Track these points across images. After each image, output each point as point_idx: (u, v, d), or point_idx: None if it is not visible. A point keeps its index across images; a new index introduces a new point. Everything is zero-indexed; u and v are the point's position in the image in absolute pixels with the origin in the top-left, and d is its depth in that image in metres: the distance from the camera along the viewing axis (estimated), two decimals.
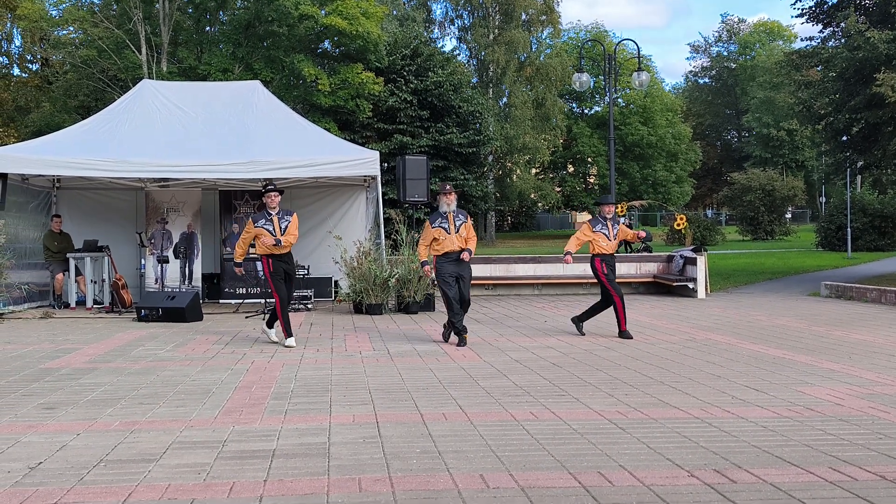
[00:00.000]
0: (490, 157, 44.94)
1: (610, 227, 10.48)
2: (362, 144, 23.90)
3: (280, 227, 9.66)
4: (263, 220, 9.70)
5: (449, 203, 9.87)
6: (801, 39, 20.25)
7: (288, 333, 9.63)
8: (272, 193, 9.77)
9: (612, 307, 10.34)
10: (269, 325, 10.02)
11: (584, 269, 17.13)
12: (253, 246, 10.04)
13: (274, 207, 9.77)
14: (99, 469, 4.62)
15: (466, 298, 9.76)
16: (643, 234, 11.28)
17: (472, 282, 16.83)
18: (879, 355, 8.53)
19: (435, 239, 9.79)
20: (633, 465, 4.61)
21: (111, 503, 4.03)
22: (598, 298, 10.86)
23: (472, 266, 17.02)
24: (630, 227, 35.26)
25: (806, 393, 6.59)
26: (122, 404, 6.37)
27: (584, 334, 10.35)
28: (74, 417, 5.92)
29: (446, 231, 9.74)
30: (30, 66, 38.49)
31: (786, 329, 10.86)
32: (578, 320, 10.60)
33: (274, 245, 9.58)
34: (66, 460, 4.79)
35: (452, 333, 9.77)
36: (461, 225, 9.81)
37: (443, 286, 9.72)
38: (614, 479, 4.34)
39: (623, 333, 10.11)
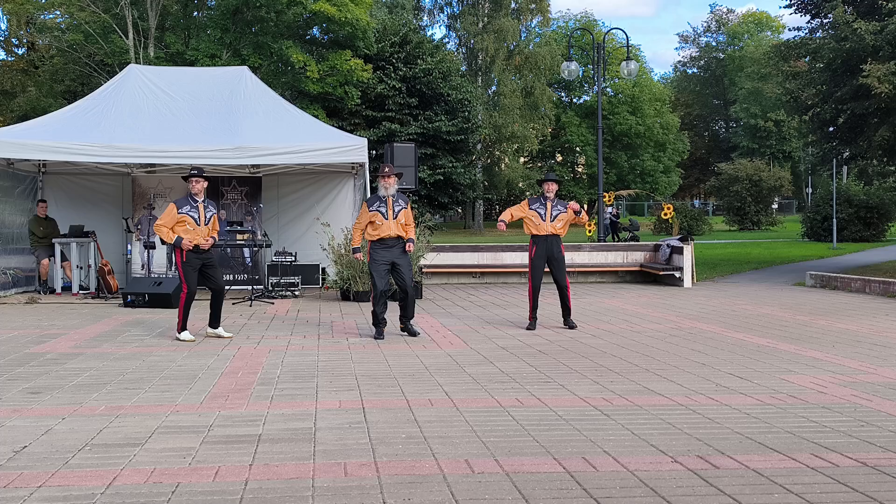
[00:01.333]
0: (479, 146, 44.94)
1: (549, 207, 9.88)
2: (350, 132, 23.84)
3: (205, 217, 9.16)
4: (188, 207, 9.11)
5: (387, 186, 9.27)
6: (789, 30, 20.34)
7: (183, 327, 9.06)
8: (195, 179, 9.16)
9: (559, 294, 9.96)
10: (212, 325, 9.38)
11: (572, 257, 17.22)
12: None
13: (198, 194, 9.19)
14: (84, 453, 4.61)
15: (406, 287, 9.23)
16: (582, 213, 10.08)
17: (461, 270, 16.97)
18: (863, 344, 8.59)
19: (371, 223, 9.21)
20: (618, 451, 4.64)
21: (96, 487, 4.03)
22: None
23: (461, 254, 17.17)
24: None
25: (789, 381, 6.64)
26: (108, 389, 6.36)
27: (575, 327, 10.03)
28: (59, 402, 5.91)
29: (383, 216, 9.16)
30: (16, 50, 38.18)
31: (771, 318, 10.93)
32: (565, 319, 10.10)
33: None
34: (51, 444, 4.79)
35: (372, 323, 9.32)
36: (400, 211, 9.24)
37: (374, 274, 9.19)
38: (599, 465, 4.37)
39: (530, 325, 9.92)
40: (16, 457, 4.53)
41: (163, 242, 9.26)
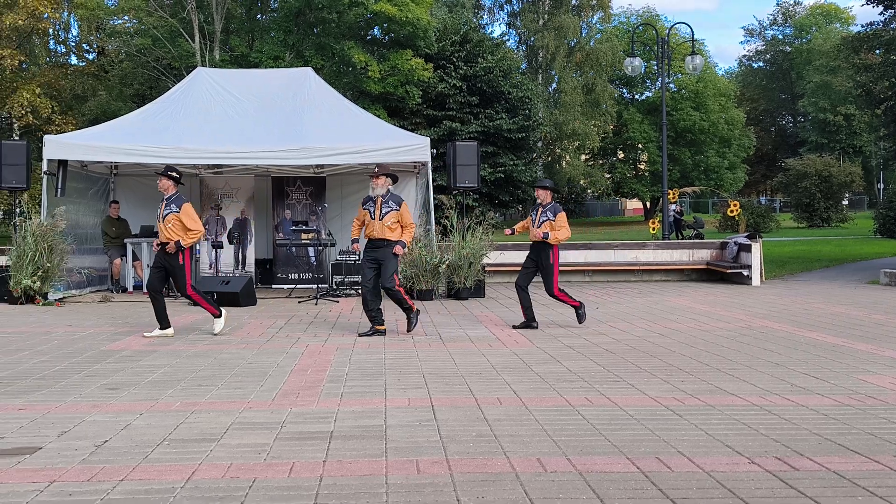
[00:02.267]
0: (539, 143, 44.76)
1: (539, 213, 9.80)
2: (412, 131, 23.92)
3: (162, 215, 9.18)
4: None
5: (374, 187, 9.37)
6: (861, 26, 19.78)
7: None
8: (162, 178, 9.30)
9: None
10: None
11: (636, 255, 17.05)
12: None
13: (164, 192, 9.28)
14: (163, 448, 4.72)
15: (381, 285, 9.29)
16: (539, 234, 9.73)
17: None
18: None
19: (363, 221, 9.42)
20: (692, 451, 4.57)
21: (176, 481, 4.11)
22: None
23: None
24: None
25: (868, 381, 6.46)
26: (182, 385, 6.49)
27: (536, 326, 9.82)
28: (136, 398, 6.05)
29: (371, 215, 9.28)
30: (87, 55, 39.20)
31: (845, 317, 10.66)
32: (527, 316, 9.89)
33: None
34: (131, 439, 4.90)
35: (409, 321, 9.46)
36: (388, 213, 9.21)
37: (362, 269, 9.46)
38: (673, 465, 4.31)
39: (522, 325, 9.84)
40: (98, 451, 4.65)
41: (179, 247, 9.20)
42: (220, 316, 9.36)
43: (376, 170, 9.60)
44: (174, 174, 9.41)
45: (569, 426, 5.15)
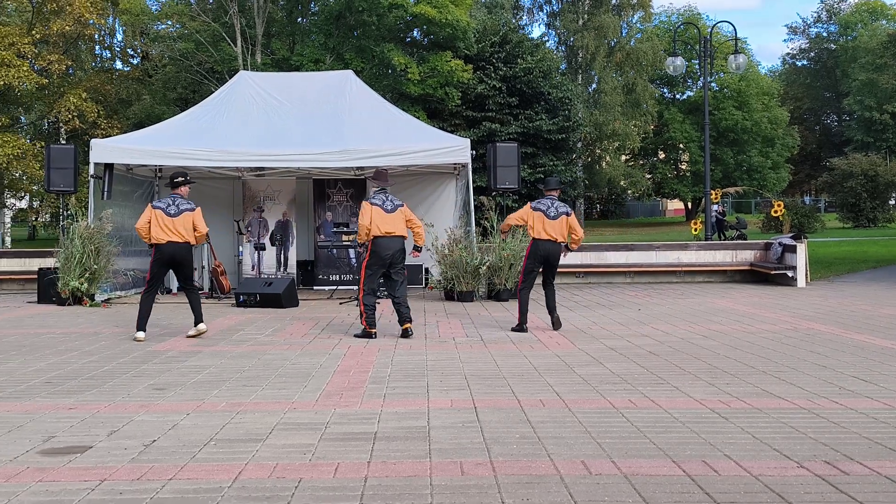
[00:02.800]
0: (579, 144, 44.49)
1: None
2: (451, 132, 23.91)
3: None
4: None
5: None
6: None
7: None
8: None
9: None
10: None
11: (678, 256, 16.89)
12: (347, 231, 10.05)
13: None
14: (210, 447, 4.77)
15: None
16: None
17: (563, 269, 16.78)
18: None
19: None
20: (739, 455, 4.52)
21: (223, 480, 4.16)
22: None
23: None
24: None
25: None
26: (227, 386, 6.57)
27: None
28: (183, 398, 6.13)
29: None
30: (131, 59, 39.83)
31: (893, 319, 10.46)
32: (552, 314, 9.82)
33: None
34: (178, 438, 4.97)
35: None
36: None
37: None
38: (720, 469, 4.27)
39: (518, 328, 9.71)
40: (146, 450, 4.73)
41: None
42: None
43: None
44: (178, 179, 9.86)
45: (613, 428, 5.12)
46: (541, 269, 9.83)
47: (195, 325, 9.40)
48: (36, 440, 4.94)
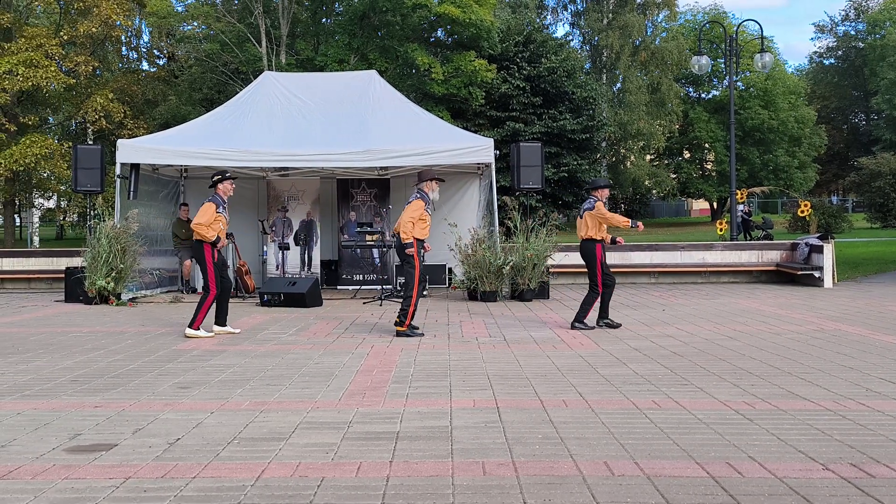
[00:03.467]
0: (604, 144, 44.33)
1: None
2: (475, 132, 23.91)
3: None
4: (222, 208, 9.77)
5: (434, 190, 9.85)
6: None
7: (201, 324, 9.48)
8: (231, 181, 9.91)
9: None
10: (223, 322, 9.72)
11: (703, 257, 16.78)
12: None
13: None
14: (233, 446, 4.80)
15: None
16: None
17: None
18: None
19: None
20: (764, 456, 4.48)
21: (246, 479, 4.18)
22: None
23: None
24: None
25: None
26: (251, 385, 6.60)
27: (620, 325, 9.88)
28: (207, 396, 6.17)
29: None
30: (157, 60, 40.18)
31: None
32: (602, 319, 9.90)
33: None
34: (202, 437, 5.00)
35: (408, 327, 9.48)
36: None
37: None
38: (744, 471, 4.23)
39: (582, 324, 9.74)
40: (171, 448, 4.76)
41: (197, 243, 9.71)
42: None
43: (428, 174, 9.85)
44: (216, 177, 9.87)
45: (636, 429, 5.10)
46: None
47: (215, 325, 9.65)
48: (62, 438, 5.00)
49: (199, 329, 9.43)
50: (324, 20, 35.30)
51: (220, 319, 9.74)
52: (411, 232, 9.37)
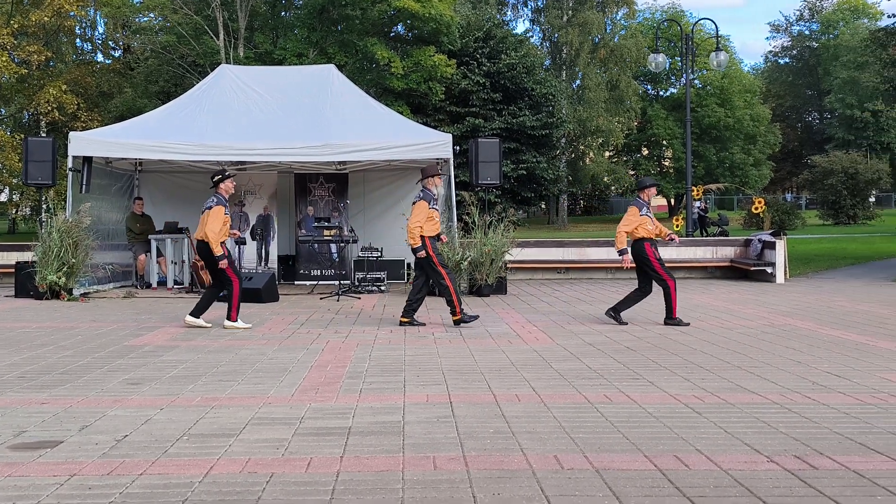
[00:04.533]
0: (563, 140, 44.57)
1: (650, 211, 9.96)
2: (435, 127, 23.90)
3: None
4: (227, 209, 9.85)
5: (437, 186, 10.14)
6: (888, 16, 19.57)
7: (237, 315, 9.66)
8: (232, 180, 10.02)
9: (662, 294, 9.80)
10: (198, 314, 9.72)
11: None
12: None
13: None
14: (182, 442, 4.75)
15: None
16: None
17: (545, 265, 16.90)
18: None
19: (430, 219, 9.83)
20: (711, 449, 4.55)
21: (194, 475, 4.14)
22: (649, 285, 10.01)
23: (546, 249, 17.11)
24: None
25: (891, 380, 6.39)
26: (203, 381, 6.54)
27: (626, 323, 9.79)
28: (158, 393, 6.10)
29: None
30: (112, 52, 39.54)
31: (869, 315, 10.54)
32: (615, 311, 9.87)
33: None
34: (151, 433, 4.95)
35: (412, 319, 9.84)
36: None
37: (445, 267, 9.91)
38: (691, 463, 4.29)
39: (675, 320, 9.72)
40: (118, 445, 4.70)
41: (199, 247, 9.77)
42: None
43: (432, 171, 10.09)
44: (216, 177, 9.95)
45: (587, 423, 5.14)
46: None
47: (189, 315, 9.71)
48: (6, 435, 4.91)
49: (237, 320, 9.58)
50: (283, 13, 35.03)
51: (198, 311, 9.72)
52: (419, 236, 9.62)
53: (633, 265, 9.81)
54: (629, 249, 9.69)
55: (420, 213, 9.67)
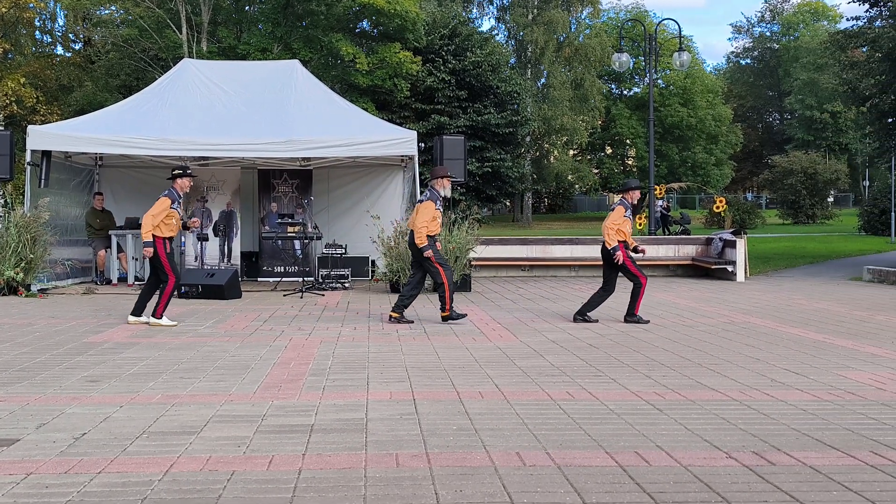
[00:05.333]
0: (527, 138, 44.74)
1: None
2: (400, 124, 23.87)
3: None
4: (177, 203, 9.69)
5: (445, 188, 10.10)
6: (847, 19, 19.90)
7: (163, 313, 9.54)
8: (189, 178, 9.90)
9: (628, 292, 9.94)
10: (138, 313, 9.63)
11: None
12: None
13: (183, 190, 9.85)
14: (141, 440, 4.70)
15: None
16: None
17: (509, 263, 16.95)
18: None
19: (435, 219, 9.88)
20: (671, 445, 4.59)
21: (154, 473, 4.10)
22: (627, 284, 10.10)
23: (510, 247, 17.16)
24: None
25: (847, 377, 6.50)
26: (164, 378, 6.47)
27: (597, 321, 9.84)
28: (117, 390, 6.03)
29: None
30: (73, 45, 38.94)
31: (827, 313, 10.72)
32: (581, 315, 9.88)
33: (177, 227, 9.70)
34: (110, 431, 4.88)
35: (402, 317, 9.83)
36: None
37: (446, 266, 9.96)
38: (651, 459, 4.33)
39: (636, 317, 9.78)
40: (76, 443, 4.63)
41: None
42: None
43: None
44: (175, 171, 9.83)
45: (549, 420, 5.17)
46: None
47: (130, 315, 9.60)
48: None
49: (161, 318, 9.42)
50: (246, 8, 34.75)
51: (138, 310, 9.58)
52: (426, 235, 9.63)
53: (622, 260, 9.78)
54: (618, 246, 9.71)
55: (427, 212, 9.71)
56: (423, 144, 14.49)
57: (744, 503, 3.70)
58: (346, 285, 14.24)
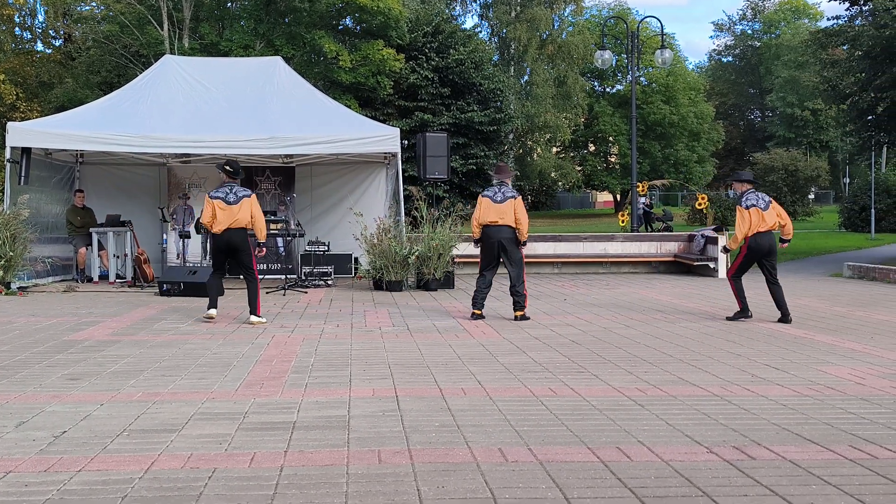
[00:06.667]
0: (511, 136, 44.77)
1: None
2: (383, 121, 23.83)
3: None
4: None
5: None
6: (828, 18, 20.06)
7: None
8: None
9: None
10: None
11: (605, 247, 17.13)
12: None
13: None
14: (122, 438, 4.68)
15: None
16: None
17: None
18: None
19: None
20: (652, 441, 4.62)
21: (135, 471, 4.08)
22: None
23: None
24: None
25: (827, 372, 6.56)
26: (145, 376, 6.44)
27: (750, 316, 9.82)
28: (98, 388, 5.99)
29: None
30: (53, 41, 38.61)
31: (807, 309, 10.80)
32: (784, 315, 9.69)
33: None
34: (90, 429, 4.86)
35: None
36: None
37: None
38: (633, 455, 4.35)
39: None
40: (56, 441, 4.61)
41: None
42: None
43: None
44: (227, 168, 10.03)
45: (531, 416, 5.18)
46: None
47: (251, 315, 9.53)
48: None
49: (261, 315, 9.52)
50: (229, 4, 34.54)
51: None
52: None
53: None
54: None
55: (523, 207, 9.86)
56: (406, 141, 14.49)
57: (724, 497, 3.72)
58: (329, 283, 14.21)
